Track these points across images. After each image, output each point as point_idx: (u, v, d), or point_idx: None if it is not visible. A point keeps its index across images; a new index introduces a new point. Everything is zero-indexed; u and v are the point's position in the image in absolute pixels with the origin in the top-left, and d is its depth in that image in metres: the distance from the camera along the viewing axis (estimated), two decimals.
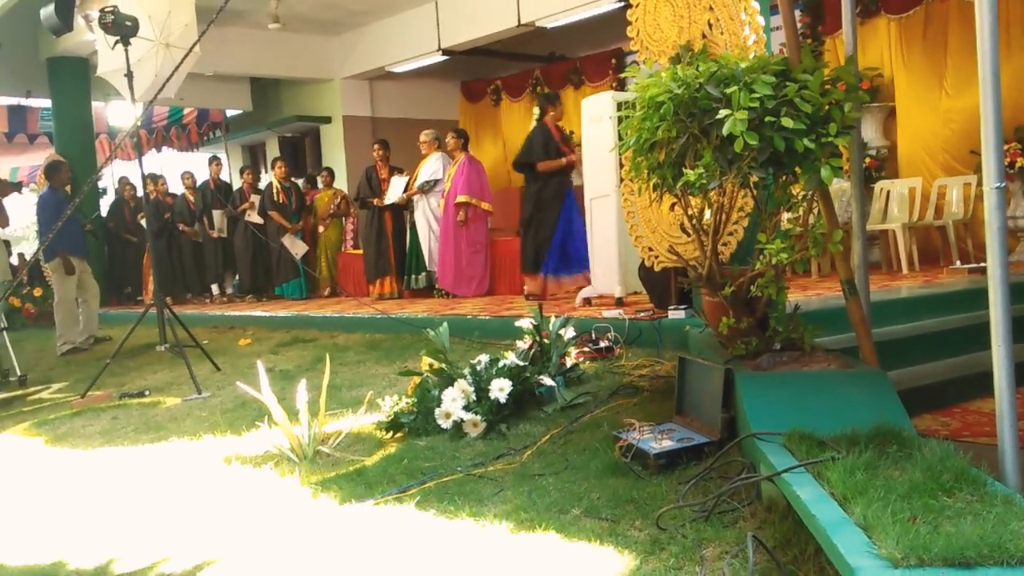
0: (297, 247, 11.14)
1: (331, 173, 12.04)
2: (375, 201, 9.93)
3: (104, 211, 12.94)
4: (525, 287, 8.03)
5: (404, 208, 9.81)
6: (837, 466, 2.51)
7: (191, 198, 12.15)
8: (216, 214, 11.90)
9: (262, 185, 11.98)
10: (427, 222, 9.48)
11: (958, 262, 7.81)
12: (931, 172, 8.79)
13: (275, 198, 11.26)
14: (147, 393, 6.23)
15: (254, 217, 11.32)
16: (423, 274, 9.61)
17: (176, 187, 12.76)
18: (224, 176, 12.73)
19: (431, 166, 9.46)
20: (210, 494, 3.71)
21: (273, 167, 11.61)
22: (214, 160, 12.40)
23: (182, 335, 6.61)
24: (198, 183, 12.30)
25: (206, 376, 6.43)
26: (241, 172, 12.27)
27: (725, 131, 3.11)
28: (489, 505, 3.21)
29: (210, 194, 11.96)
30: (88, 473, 4.32)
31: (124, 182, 12.90)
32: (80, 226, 9.17)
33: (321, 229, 11.53)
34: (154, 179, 12.18)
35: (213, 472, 4.04)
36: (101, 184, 13.89)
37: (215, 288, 12.21)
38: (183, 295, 12.18)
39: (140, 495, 3.83)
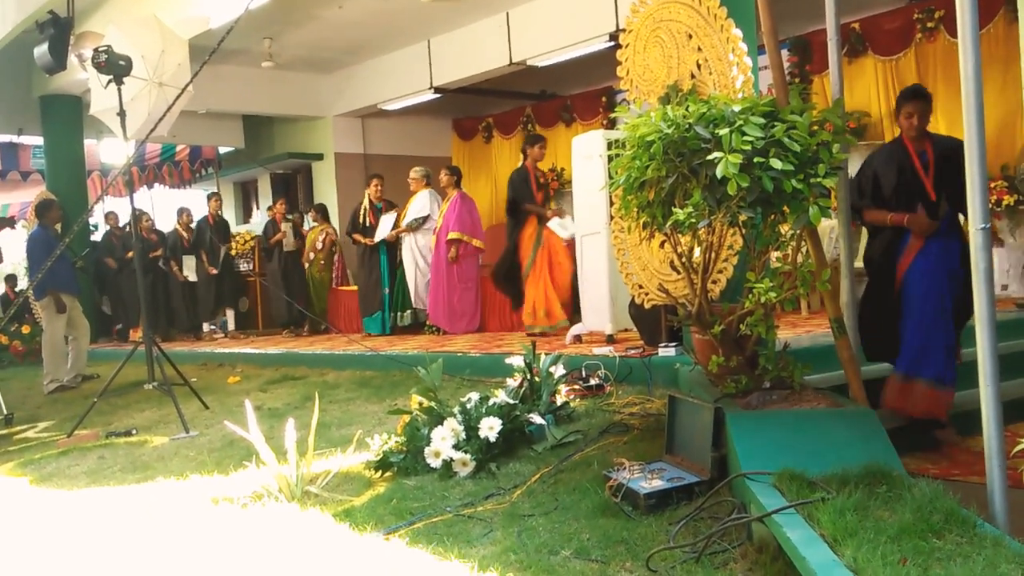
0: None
1: (319, 210, 11.85)
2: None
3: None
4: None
5: (394, 244, 9.79)
6: (827, 507, 2.50)
7: (184, 235, 11.88)
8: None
9: (254, 221, 11.82)
10: (414, 259, 9.50)
11: None
12: None
13: (361, 219, 10.19)
14: (134, 432, 6.17)
15: (288, 244, 11.16)
16: (409, 311, 9.59)
17: (163, 224, 12.67)
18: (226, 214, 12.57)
19: (419, 203, 9.49)
20: (197, 536, 3.66)
21: (369, 184, 10.50)
22: (214, 196, 12.18)
23: (170, 373, 6.57)
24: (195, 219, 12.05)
25: (194, 414, 6.38)
26: (273, 203, 11.96)
27: (719, 173, 3.13)
28: (478, 546, 3.18)
29: (208, 230, 11.71)
30: (72, 515, 4.27)
31: (111, 216, 12.75)
32: (71, 263, 9.13)
33: (306, 265, 11.35)
34: (137, 216, 12.07)
35: (200, 513, 3.99)
36: (92, 221, 13.83)
37: (217, 324, 11.97)
38: (184, 332, 11.99)
39: (125, 539, 3.78)
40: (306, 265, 11.36)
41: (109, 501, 4.43)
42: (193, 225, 11.90)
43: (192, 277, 11.81)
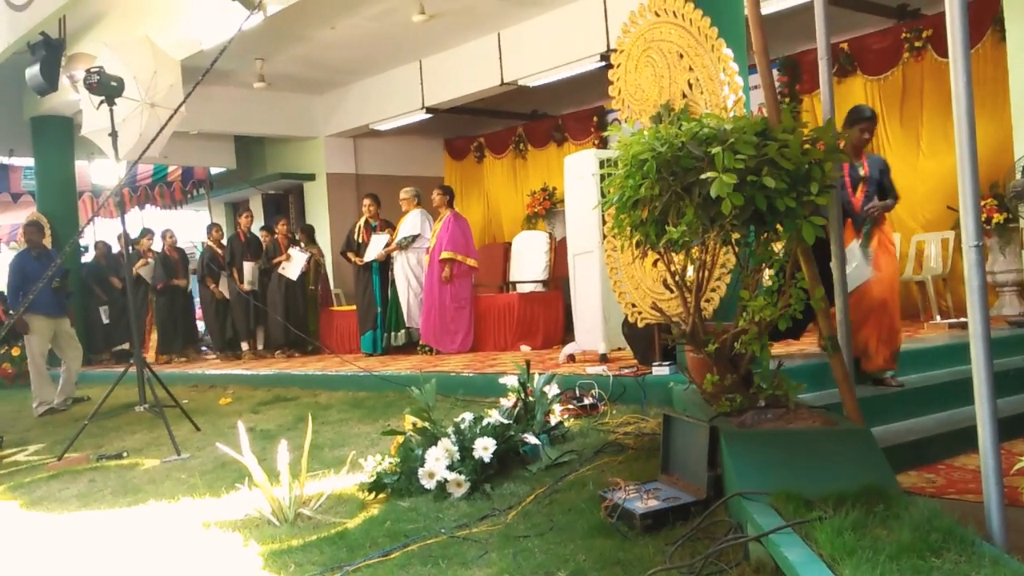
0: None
1: (306, 231, 11.84)
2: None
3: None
4: None
5: (386, 264, 9.77)
6: (825, 526, 2.49)
7: (218, 251, 11.67)
8: (247, 266, 11.36)
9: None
10: (406, 278, 9.49)
11: (938, 317, 7.87)
12: (910, 228, 8.91)
13: (355, 237, 10.15)
14: (125, 455, 6.12)
15: (289, 272, 10.97)
16: (403, 331, 9.57)
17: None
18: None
19: (410, 222, 9.51)
20: (186, 563, 3.63)
21: (364, 203, 10.33)
22: (245, 212, 11.92)
23: (161, 395, 6.53)
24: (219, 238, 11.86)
25: (186, 436, 6.34)
26: (276, 224, 11.61)
27: (713, 193, 3.13)
28: (474, 568, 3.15)
29: (240, 247, 11.46)
30: (61, 539, 4.22)
31: (120, 239, 12.55)
32: (50, 285, 8.76)
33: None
34: (148, 234, 12.06)
35: (190, 537, 3.95)
36: (83, 242, 13.75)
37: (245, 345, 11.61)
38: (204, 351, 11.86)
39: (114, 564, 3.74)
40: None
41: (99, 525, 4.38)
42: (224, 241, 11.74)
43: (226, 295, 11.57)
